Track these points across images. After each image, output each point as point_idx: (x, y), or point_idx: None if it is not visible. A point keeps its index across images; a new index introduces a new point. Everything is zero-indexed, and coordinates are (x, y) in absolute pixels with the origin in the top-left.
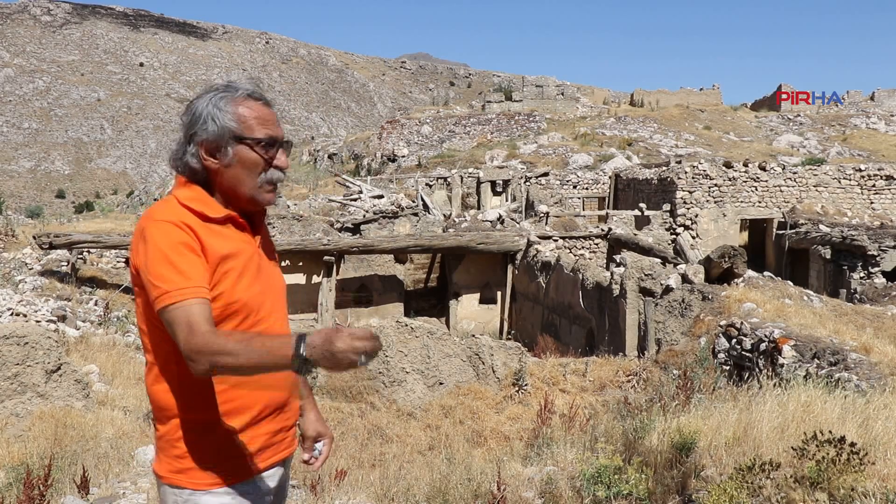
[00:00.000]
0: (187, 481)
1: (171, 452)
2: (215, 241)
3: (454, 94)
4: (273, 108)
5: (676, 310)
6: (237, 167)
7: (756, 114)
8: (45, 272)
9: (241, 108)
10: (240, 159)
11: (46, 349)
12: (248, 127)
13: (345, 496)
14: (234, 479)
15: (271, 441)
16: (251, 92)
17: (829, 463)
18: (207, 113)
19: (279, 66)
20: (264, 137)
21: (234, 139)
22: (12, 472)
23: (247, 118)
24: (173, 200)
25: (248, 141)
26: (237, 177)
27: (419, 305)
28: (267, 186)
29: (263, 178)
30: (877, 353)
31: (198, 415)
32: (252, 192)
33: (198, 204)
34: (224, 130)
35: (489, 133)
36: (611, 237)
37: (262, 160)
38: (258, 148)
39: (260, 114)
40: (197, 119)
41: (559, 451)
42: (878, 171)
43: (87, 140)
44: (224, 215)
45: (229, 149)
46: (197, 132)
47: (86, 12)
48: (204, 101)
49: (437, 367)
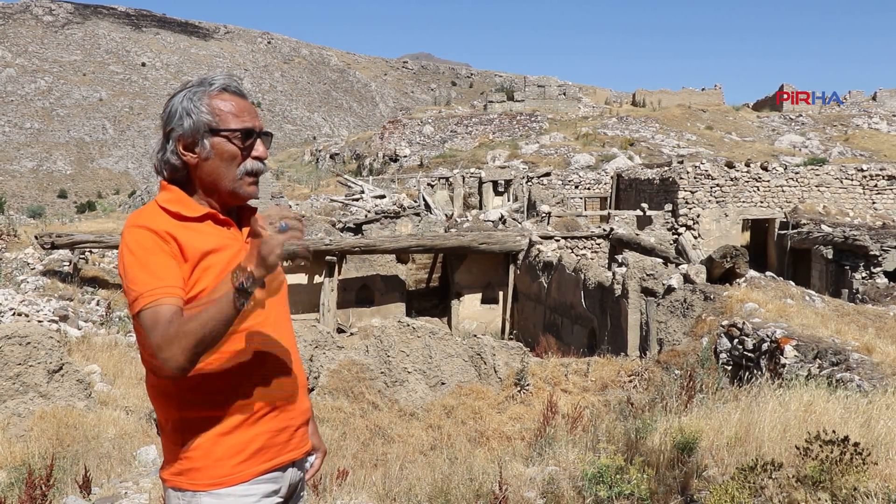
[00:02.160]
0: (188, 483)
1: (172, 455)
2: (194, 241)
3: (456, 94)
4: (249, 100)
5: (678, 310)
6: (215, 160)
7: (758, 114)
8: (46, 272)
9: (216, 101)
10: (217, 152)
11: (48, 349)
12: (223, 119)
13: (347, 496)
14: (235, 479)
15: (274, 441)
16: (226, 85)
17: (831, 463)
18: (183, 108)
19: (281, 66)
20: (240, 128)
21: (210, 132)
22: (14, 472)
23: (222, 110)
24: (152, 204)
25: (223, 133)
26: (216, 170)
27: (421, 305)
28: (247, 178)
29: (242, 170)
30: (879, 353)
31: (195, 413)
32: (232, 184)
33: (174, 205)
34: (199, 124)
35: (491, 133)
36: (613, 237)
37: (238, 151)
38: (234, 139)
39: (235, 106)
40: (173, 115)
41: (561, 451)
42: (879, 171)
43: (88, 140)
44: (202, 214)
45: (206, 142)
46: (174, 128)
47: (88, 12)
48: (179, 97)
49: (439, 367)
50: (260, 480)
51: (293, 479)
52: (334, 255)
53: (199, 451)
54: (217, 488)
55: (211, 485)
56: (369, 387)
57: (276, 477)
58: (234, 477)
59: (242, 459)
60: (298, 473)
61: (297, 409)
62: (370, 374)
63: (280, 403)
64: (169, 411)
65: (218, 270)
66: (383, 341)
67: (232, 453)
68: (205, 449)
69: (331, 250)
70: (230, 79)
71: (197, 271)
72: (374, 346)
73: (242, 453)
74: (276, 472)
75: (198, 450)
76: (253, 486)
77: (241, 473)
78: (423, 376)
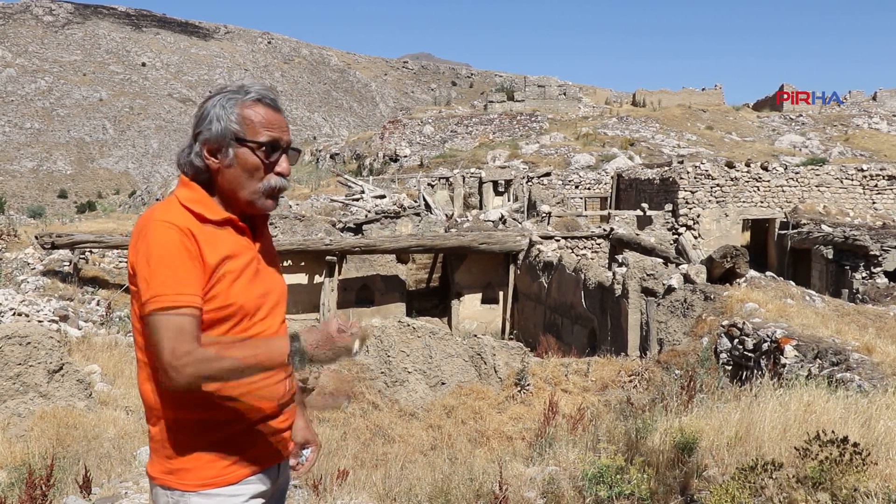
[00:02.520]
0: (177, 482)
1: (161, 453)
2: (212, 245)
3: (456, 94)
4: (283, 114)
5: (678, 310)
6: (237, 169)
7: (758, 114)
8: (47, 272)
9: (247, 111)
10: (240, 161)
11: (48, 349)
12: (252, 130)
13: (347, 496)
14: (224, 480)
15: (264, 443)
16: (261, 96)
17: (831, 463)
18: (214, 113)
19: (281, 66)
20: (267, 141)
21: (236, 140)
22: (14, 472)
23: (251, 121)
24: (174, 201)
25: (249, 144)
26: (237, 179)
27: (421, 305)
28: (268, 193)
29: (265, 185)
30: (879, 353)
31: (186, 414)
32: (250, 196)
33: (197, 205)
34: (227, 131)
35: (491, 133)
36: (613, 237)
37: (262, 164)
38: (259, 151)
39: (266, 118)
40: (203, 118)
41: (561, 451)
42: (880, 171)
43: (89, 140)
44: (223, 218)
45: (230, 150)
46: (202, 131)
47: (88, 12)
48: (213, 101)
49: (440, 367)
50: (249, 481)
51: (280, 480)
52: (334, 255)
53: (190, 452)
54: (206, 489)
55: (200, 485)
56: (369, 387)
57: (265, 478)
58: (224, 478)
59: (232, 461)
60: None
61: (286, 412)
62: (370, 374)
63: (273, 408)
64: (162, 410)
65: (232, 278)
66: (383, 341)
67: (222, 455)
68: (196, 450)
69: (331, 250)
70: (267, 90)
71: (213, 278)
72: (375, 346)
73: (233, 455)
74: (266, 472)
75: (189, 451)
76: (242, 487)
77: (231, 475)
78: (424, 376)
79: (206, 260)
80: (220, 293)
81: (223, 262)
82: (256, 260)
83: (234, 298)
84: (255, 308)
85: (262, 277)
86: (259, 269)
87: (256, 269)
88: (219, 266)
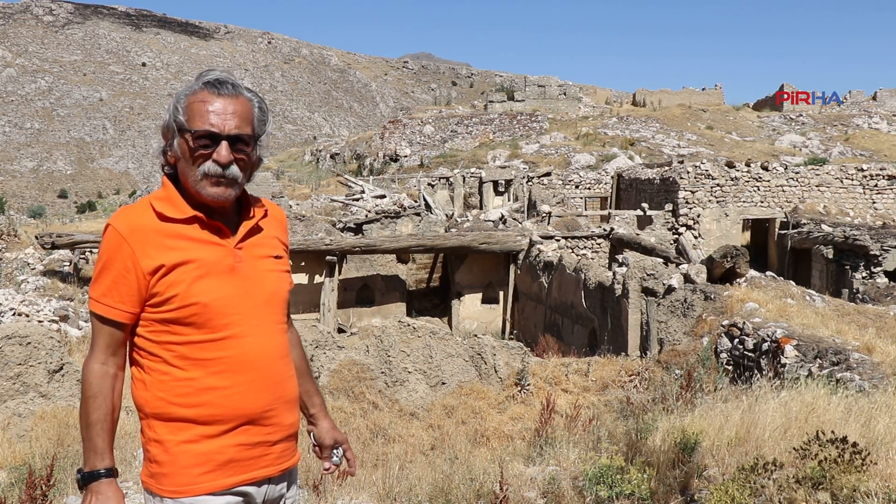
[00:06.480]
0: (156, 486)
1: (146, 456)
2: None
3: (456, 93)
4: (236, 99)
5: (679, 310)
6: (181, 160)
7: (758, 114)
8: (47, 272)
9: (192, 99)
10: (181, 151)
11: (49, 349)
12: (190, 118)
13: (347, 496)
14: (198, 490)
15: (244, 455)
16: (208, 82)
17: (831, 463)
18: (171, 104)
19: (281, 66)
20: (199, 130)
21: (179, 131)
22: (14, 472)
23: (192, 110)
24: (145, 199)
25: (186, 133)
26: (184, 170)
27: (421, 305)
28: (209, 179)
29: (200, 171)
30: (879, 352)
31: (164, 415)
32: (195, 185)
33: (161, 203)
34: (171, 123)
35: (491, 133)
36: (613, 237)
37: (192, 152)
38: (192, 140)
39: (205, 106)
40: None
41: (562, 451)
42: (880, 170)
43: (89, 140)
44: (188, 216)
45: (174, 140)
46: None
47: (88, 12)
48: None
49: (440, 366)
50: (226, 493)
51: (270, 495)
52: (335, 254)
53: (166, 455)
54: (180, 497)
55: (174, 492)
56: (370, 387)
57: (245, 492)
58: (198, 487)
59: (208, 470)
60: (278, 489)
61: (276, 423)
62: (371, 373)
63: (254, 417)
64: (143, 411)
65: (191, 278)
66: (384, 341)
67: (197, 462)
68: (172, 454)
69: (331, 250)
70: (219, 76)
71: (159, 283)
72: (375, 345)
73: (208, 464)
74: (248, 486)
75: (166, 454)
76: (216, 499)
77: (205, 484)
78: (424, 376)
79: (141, 267)
80: (181, 293)
81: (179, 266)
82: (232, 256)
83: (196, 297)
84: (228, 308)
85: (243, 276)
86: (238, 267)
87: (232, 267)
88: (160, 269)
